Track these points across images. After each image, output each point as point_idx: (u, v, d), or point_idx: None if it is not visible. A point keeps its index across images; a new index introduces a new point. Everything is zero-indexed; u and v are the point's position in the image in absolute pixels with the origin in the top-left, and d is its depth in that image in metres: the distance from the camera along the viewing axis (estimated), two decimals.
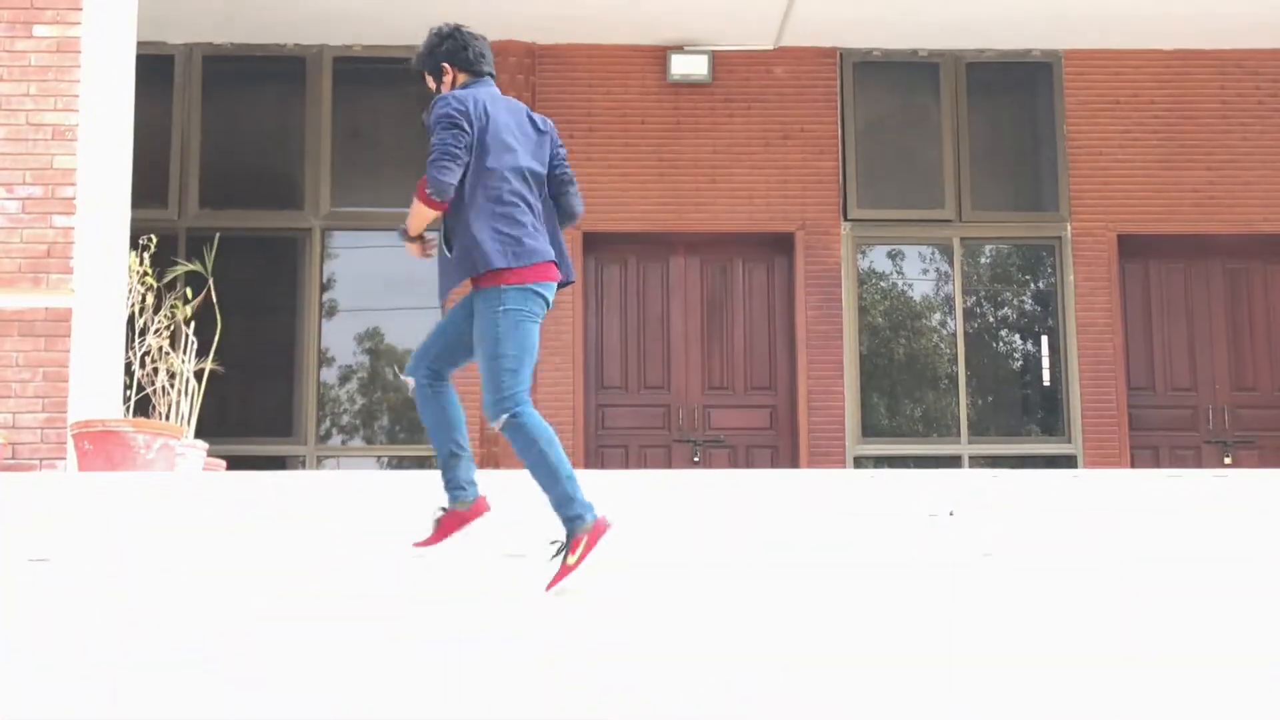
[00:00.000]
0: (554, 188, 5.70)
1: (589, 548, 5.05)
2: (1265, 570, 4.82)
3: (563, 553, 4.93)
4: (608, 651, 4.24)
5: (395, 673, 4.25)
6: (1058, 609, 4.52)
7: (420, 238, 5.41)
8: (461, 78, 5.45)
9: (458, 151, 5.28)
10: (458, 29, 5.53)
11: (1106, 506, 5.38)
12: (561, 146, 5.69)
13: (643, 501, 5.47)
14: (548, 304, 5.32)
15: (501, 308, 5.12)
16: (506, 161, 5.42)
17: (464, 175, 5.30)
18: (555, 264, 5.33)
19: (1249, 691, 4.03)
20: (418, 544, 5.12)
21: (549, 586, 4.94)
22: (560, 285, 5.43)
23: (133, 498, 5.53)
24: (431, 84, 5.42)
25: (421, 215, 5.33)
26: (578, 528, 5.07)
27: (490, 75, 5.55)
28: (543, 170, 5.57)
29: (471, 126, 5.30)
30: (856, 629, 4.49)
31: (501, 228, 5.24)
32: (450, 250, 5.24)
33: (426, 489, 5.54)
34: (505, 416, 4.98)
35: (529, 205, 5.42)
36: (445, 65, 5.46)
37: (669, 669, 4.26)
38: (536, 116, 5.55)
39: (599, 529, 5.05)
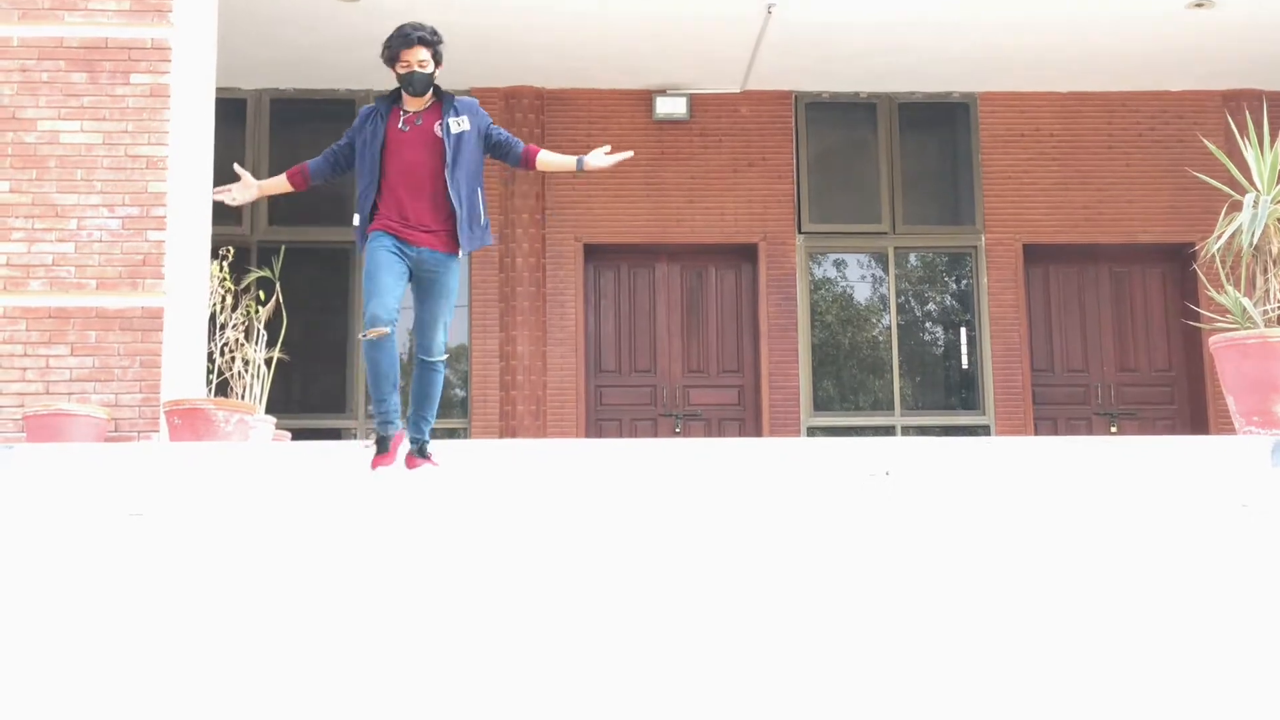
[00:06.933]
0: None
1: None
2: (1141, 514, 4.83)
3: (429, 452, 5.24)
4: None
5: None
6: (972, 549, 4.53)
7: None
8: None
9: None
10: None
11: (1013, 466, 5.39)
12: None
13: (634, 464, 5.47)
14: None
15: (459, 274, 5.27)
16: None
17: (475, 165, 5.24)
18: None
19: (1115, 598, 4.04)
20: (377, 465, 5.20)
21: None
22: None
23: (213, 463, 5.52)
24: (433, 64, 5.28)
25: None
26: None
27: None
28: None
29: None
30: (808, 566, 4.50)
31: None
32: (479, 219, 5.21)
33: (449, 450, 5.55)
34: (446, 355, 5.18)
35: None
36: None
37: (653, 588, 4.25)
38: None
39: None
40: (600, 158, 5.18)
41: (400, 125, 5.32)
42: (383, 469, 5.11)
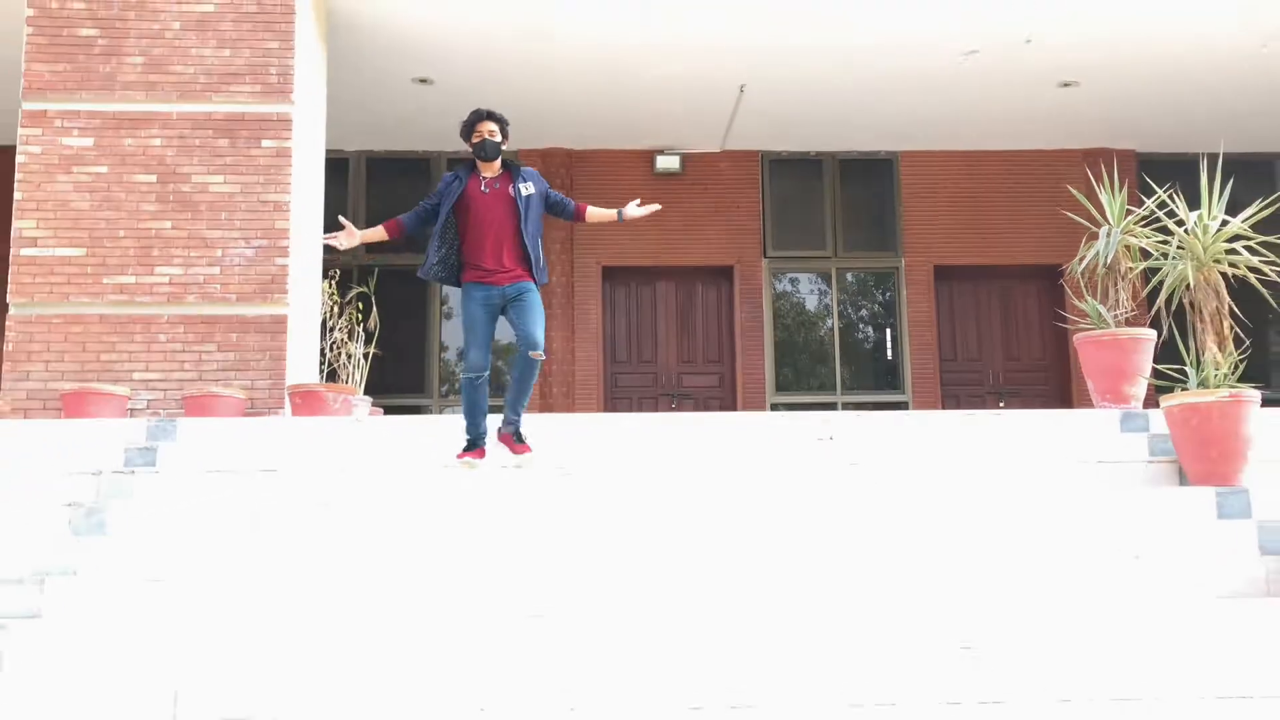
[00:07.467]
0: None
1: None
2: (1021, 467, 4.86)
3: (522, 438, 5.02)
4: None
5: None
6: (899, 496, 4.55)
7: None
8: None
9: None
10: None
11: (925, 433, 5.41)
12: None
13: (641, 430, 5.49)
14: None
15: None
16: None
17: (538, 221, 5.07)
18: None
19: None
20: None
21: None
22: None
23: (326, 432, 5.56)
24: (500, 135, 5.14)
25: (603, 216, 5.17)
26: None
27: None
28: None
29: None
30: (771, 506, 4.52)
31: None
32: (540, 263, 5.04)
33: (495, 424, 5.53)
34: (544, 355, 4.90)
35: None
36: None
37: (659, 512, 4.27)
38: None
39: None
40: (634, 209, 5.11)
41: (482, 188, 5.10)
42: (468, 458, 4.90)
